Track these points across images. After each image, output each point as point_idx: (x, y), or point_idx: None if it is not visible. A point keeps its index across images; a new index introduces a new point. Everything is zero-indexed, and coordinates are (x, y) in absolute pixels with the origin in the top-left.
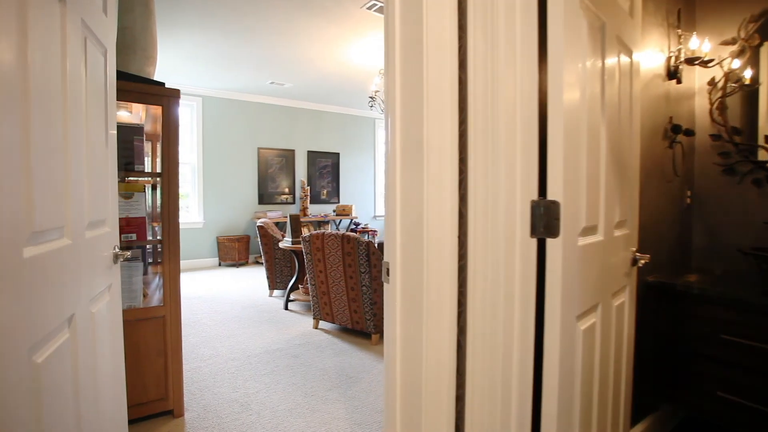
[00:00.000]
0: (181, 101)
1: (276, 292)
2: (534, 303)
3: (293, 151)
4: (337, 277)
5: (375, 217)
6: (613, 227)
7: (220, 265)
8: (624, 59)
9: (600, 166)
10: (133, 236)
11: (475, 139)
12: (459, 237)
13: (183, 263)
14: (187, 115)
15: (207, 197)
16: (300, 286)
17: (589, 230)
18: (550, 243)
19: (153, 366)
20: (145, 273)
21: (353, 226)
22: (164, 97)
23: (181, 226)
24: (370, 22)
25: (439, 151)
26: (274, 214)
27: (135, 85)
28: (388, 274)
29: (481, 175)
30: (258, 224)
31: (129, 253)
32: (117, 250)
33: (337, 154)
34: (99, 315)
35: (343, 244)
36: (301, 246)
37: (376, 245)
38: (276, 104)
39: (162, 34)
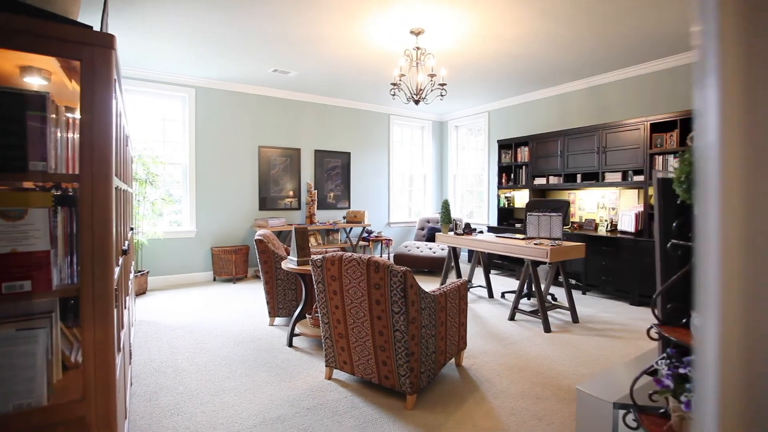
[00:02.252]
0: (172, 93)
1: (278, 320)
2: None
3: (299, 150)
4: (359, 316)
5: (389, 224)
6: None
7: (215, 280)
8: None
9: None
10: (25, 284)
11: None
12: None
13: (172, 278)
14: (179, 108)
15: (200, 203)
16: (308, 315)
17: None
18: None
19: None
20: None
21: (365, 234)
22: (86, 45)
23: (170, 236)
24: None
25: None
26: (277, 221)
27: (28, 21)
28: None
29: None
30: (256, 237)
31: None
32: None
33: (348, 154)
34: None
35: (369, 272)
36: (310, 269)
37: (392, 258)
38: (279, 97)
39: (143, 10)
